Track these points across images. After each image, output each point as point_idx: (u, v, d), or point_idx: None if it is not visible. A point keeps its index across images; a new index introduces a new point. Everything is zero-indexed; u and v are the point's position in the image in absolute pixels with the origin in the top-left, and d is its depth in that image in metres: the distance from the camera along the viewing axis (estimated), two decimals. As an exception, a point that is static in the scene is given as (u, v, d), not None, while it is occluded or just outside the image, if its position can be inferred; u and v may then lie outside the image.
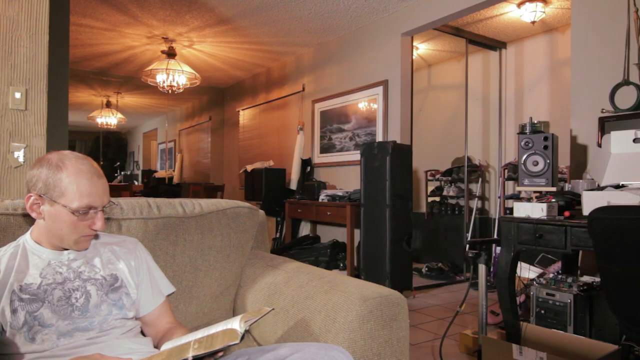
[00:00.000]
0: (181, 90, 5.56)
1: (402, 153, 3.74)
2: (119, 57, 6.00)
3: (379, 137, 4.55)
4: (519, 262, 2.53)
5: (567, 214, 2.00)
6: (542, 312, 2.39)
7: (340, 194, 4.51)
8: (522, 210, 2.12)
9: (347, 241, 4.29)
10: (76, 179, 1.09)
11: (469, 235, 4.67)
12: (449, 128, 5.54)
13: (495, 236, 4.41)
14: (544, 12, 4.08)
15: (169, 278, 1.40)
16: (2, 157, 1.99)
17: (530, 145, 2.12)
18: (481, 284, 2.24)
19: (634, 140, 2.13)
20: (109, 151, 12.96)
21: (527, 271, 3.18)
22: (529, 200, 2.16)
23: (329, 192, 4.65)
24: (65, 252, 1.16)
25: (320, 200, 4.66)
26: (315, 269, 1.51)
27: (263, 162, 5.91)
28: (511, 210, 2.23)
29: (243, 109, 7.30)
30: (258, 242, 1.78)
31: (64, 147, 2.82)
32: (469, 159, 4.85)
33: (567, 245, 1.96)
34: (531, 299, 2.47)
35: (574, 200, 2.21)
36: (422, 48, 5.32)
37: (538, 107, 4.76)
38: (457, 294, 3.94)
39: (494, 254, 3.82)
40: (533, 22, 4.14)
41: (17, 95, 2.00)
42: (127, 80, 7.12)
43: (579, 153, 2.83)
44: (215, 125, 8.32)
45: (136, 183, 9.73)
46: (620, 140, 2.18)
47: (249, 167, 5.91)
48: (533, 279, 2.60)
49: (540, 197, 2.13)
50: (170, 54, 5.37)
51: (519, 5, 4.08)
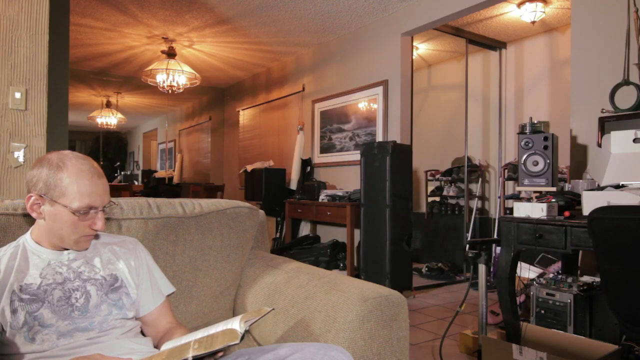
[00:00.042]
0: (181, 90, 5.56)
1: (402, 153, 3.74)
2: (119, 57, 6.00)
3: (379, 137, 4.54)
4: (519, 262, 2.53)
5: (567, 214, 2.00)
6: (542, 312, 2.39)
7: (340, 194, 4.51)
8: (522, 210, 2.12)
9: (347, 241, 4.29)
10: (77, 179, 1.09)
11: (469, 235, 4.67)
12: (449, 128, 5.54)
13: (495, 236, 4.41)
14: (544, 12, 4.08)
15: (169, 278, 1.40)
16: (2, 157, 1.99)
17: (530, 145, 2.12)
18: (481, 284, 2.24)
19: (634, 140, 2.13)
20: (109, 151, 12.97)
21: (527, 271, 3.18)
22: (529, 200, 2.16)
23: (329, 192, 4.65)
24: (65, 252, 1.16)
25: (320, 200, 4.66)
26: (315, 269, 1.51)
27: (263, 162, 5.91)
28: (511, 210, 2.23)
29: (243, 109, 7.30)
30: (258, 242, 1.78)
31: (64, 147, 2.82)
32: (469, 159, 4.85)
33: (567, 245, 1.96)
34: (531, 299, 2.47)
35: (574, 200, 2.21)
36: (422, 48, 5.32)
37: (538, 107, 4.76)
38: (457, 294, 3.94)
39: (494, 254, 3.81)
40: (533, 22, 4.14)
41: (17, 95, 2.00)
42: (127, 80, 7.12)
43: (579, 153, 2.83)
44: (215, 125, 8.32)
45: (136, 183, 9.72)
46: (620, 140, 2.18)
47: (249, 167, 5.90)
48: (533, 279, 2.60)
49: (540, 197, 2.13)
50: (170, 54, 5.37)
51: (519, 5, 4.07)
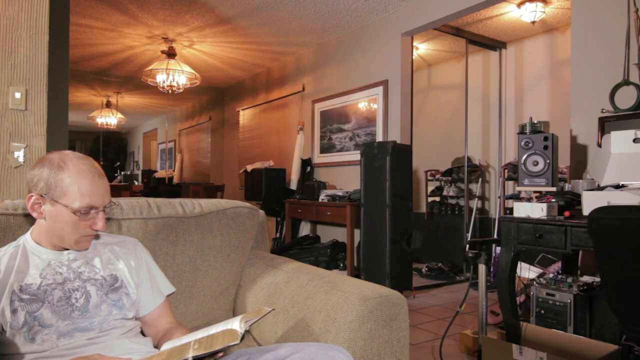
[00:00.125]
0: (181, 90, 5.56)
1: (402, 153, 3.74)
2: (119, 57, 6.00)
3: (379, 137, 4.54)
4: (519, 262, 2.53)
5: (567, 214, 2.00)
6: (542, 312, 2.39)
7: (340, 194, 4.51)
8: (522, 210, 2.12)
9: (347, 241, 4.29)
10: (77, 179, 1.09)
11: (469, 235, 4.67)
12: (449, 128, 5.54)
13: (495, 236, 4.41)
14: (544, 12, 4.08)
15: (169, 278, 1.40)
16: (2, 157, 1.99)
17: (530, 145, 2.12)
18: (481, 284, 2.24)
19: (634, 140, 2.13)
20: (109, 151, 12.96)
21: (527, 271, 3.18)
22: (529, 200, 2.16)
23: (329, 192, 4.65)
24: (65, 252, 1.16)
25: (320, 200, 4.66)
26: (315, 269, 1.51)
27: (263, 162, 5.91)
28: (511, 210, 2.23)
29: (243, 109, 7.30)
30: (258, 242, 1.78)
31: (64, 147, 2.82)
32: (469, 159, 4.85)
33: (567, 245, 1.96)
34: (531, 299, 2.47)
35: (574, 200, 2.21)
36: (422, 48, 5.32)
37: (538, 107, 4.76)
38: (457, 294, 3.94)
39: (494, 254, 3.81)
40: (533, 22, 4.14)
41: (17, 95, 2.00)
42: (127, 80, 7.12)
43: (579, 153, 2.83)
44: (215, 125, 8.32)
45: (136, 183, 9.73)
46: (620, 140, 2.18)
47: (249, 167, 5.90)
48: (533, 279, 2.60)
49: (540, 197, 2.13)
50: (170, 54, 5.37)
51: (519, 5, 4.07)
